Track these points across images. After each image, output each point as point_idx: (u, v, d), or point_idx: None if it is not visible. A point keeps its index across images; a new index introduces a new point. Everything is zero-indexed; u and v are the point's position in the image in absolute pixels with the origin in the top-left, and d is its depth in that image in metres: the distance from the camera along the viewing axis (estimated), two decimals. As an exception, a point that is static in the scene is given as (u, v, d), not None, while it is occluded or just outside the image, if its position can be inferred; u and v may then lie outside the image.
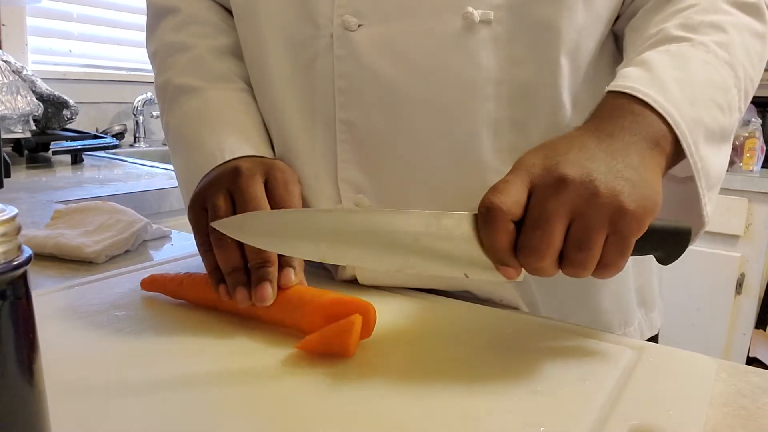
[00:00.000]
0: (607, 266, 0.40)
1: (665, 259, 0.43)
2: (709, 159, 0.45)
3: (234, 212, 0.49)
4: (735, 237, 1.99)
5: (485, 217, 0.39)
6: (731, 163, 1.94)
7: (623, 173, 0.39)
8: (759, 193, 1.94)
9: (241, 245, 0.48)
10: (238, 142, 0.56)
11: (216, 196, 0.50)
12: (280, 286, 0.47)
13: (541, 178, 0.40)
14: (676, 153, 0.44)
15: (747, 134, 2.04)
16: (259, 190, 0.50)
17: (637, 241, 0.40)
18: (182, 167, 0.60)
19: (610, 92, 0.46)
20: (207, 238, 0.50)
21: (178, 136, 0.61)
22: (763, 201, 1.94)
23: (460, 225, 0.41)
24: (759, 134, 2.07)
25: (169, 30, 0.64)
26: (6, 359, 0.24)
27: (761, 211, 1.95)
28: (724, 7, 0.50)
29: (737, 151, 2.03)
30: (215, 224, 0.44)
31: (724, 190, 1.34)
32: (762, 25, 0.51)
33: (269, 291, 0.46)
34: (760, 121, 2.13)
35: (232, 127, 0.57)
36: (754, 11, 0.51)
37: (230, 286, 0.48)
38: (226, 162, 0.54)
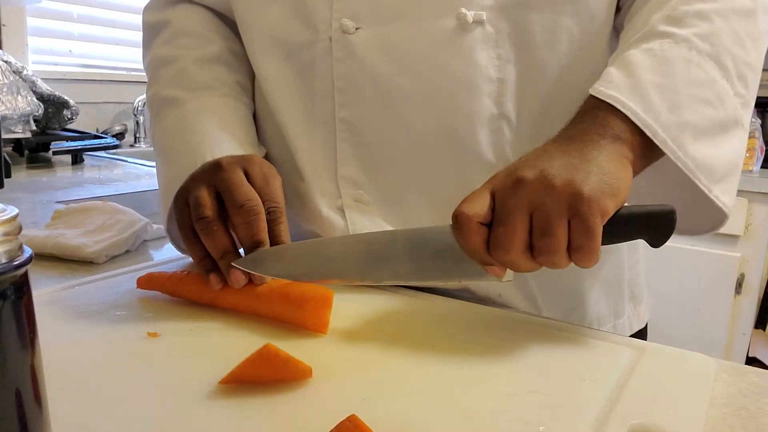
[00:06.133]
0: (578, 250, 0.41)
1: (655, 242, 0.44)
2: (706, 154, 0.46)
3: (217, 204, 0.51)
4: (735, 237, 1.99)
5: (456, 224, 0.43)
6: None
7: (578, 166, 0.42)
8: (758, 193, 1.94)
9: (228, 229, 0.50)
10: (217, 145, 0.57)
11: (198, 190, 0.51)
12: None
13: (501, 184, 0.43)
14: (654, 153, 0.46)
15: (746, 134, 2.04)
16: (242, 179, 0.51)
17: (621, 226, 0.43)
18: (161, 179, 0.60)
19: (591, 96, 0.46)
20: (191, 231, 0.51)
21: (160, 148, 0.62)
22: (763, 201, 1.94)
23: (442, 235, 0.45)
24: (758, 134, 2.07)
25: (160, 44, 0.67)
26: (6, 359, 0.24)
27: (761, 211, 1.95)
28: None
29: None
30: (236, 263, 0.49)
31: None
32: (751, 1, 0.51)
33: None
34: (759, 121, 2.13)
35: (211, 133, 0.58)
36: None
37: (224, 270, 0.49)
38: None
